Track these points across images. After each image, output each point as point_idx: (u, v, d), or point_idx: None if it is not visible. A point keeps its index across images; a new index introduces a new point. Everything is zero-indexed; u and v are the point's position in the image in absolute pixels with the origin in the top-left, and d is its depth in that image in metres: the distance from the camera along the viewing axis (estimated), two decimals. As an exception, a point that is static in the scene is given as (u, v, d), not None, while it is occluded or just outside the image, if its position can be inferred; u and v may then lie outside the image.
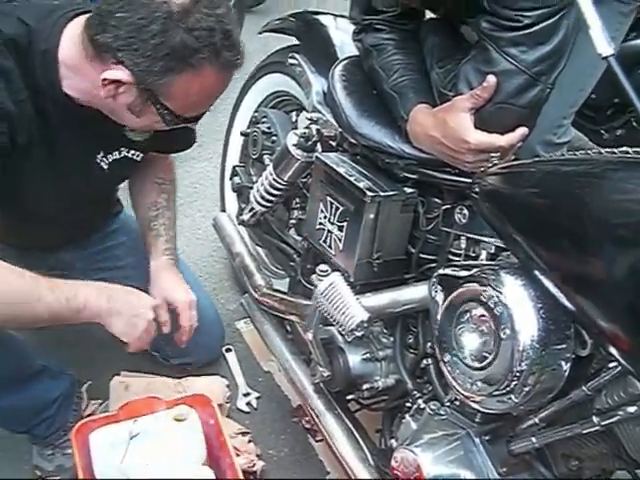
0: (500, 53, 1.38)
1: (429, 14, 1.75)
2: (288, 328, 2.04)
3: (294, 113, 2.31)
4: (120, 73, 1.41)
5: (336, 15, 2.20)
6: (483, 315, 1.24)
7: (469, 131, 1.41)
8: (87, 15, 1.50)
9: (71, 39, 1.49)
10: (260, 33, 2.42)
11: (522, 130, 1.42)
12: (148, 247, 1.94)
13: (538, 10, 1.33)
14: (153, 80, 1.42)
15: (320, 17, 2.21)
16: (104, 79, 1.42)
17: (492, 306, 1.21)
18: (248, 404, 2.21)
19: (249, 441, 2.04)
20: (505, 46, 1.38)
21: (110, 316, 1.61)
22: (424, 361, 1.61)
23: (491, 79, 1.38)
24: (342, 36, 2.05)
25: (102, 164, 1.74)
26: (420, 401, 1.57)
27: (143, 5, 1.37)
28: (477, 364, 1.28)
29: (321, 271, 1.50)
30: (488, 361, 1.25)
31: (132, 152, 1.80)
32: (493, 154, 1.39)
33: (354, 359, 1.67)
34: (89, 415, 2.00)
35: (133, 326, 1.64)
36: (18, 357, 1.78)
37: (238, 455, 1.87)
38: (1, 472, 2.00)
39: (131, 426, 1.63)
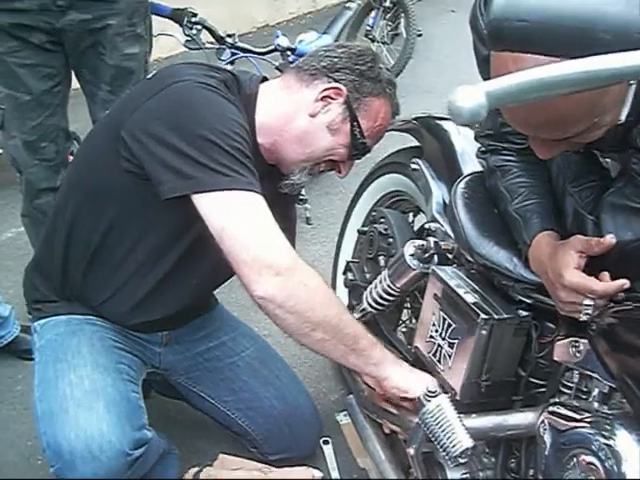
0: None
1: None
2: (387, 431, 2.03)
3: (411, 214, 2.35)
4: (339, 86, 1.75)
5: (459, 121, 2.23)
6: (593, 464, 1.22)
7: (567, 268, 1.37)
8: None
9: (268, 86, 1.82)
10: (383, 132, 2.48)
11: (622, 282, 1.33)
12: None
13: None
14: (360, 97, 1.77)
15: (443, 123, 2.22)
16: (324, 89, 1.75)
17: (603, 458, 1.18)
18: (340, 500, 2.21)
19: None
20: None
21: None
22: (525, 488, 1.58)
23: (609, 240, 1.34)
24: (464, 144, 2.07)
25: None
26: (518, 528, 1.53)
27: (356, 46, 1.85)
28: (586, 513, 1.24)
29: (429, 392, 1.51)
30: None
31: None
32: (586, 301, 1.34)
33: (453, 476, 1.64)
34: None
35: None
36: None
37: None
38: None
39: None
